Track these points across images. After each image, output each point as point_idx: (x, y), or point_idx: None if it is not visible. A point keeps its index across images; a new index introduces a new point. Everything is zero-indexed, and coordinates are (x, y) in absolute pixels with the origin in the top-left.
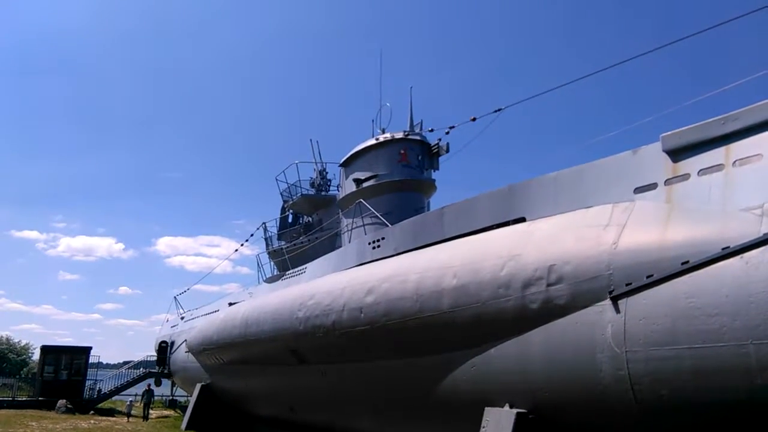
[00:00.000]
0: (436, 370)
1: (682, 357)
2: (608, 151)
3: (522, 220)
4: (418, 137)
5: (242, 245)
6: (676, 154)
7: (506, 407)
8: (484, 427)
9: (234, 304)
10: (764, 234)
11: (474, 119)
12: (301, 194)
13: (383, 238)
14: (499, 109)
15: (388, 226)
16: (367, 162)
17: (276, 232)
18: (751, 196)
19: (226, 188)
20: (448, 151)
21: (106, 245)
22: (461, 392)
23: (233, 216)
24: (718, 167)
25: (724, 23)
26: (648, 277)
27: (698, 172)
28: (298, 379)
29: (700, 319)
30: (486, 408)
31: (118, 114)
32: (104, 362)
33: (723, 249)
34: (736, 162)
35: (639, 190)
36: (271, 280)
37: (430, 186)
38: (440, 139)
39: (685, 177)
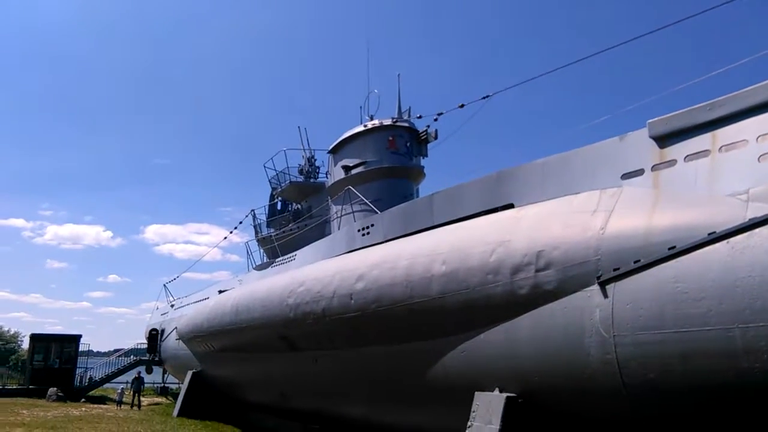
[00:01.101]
0: (427, 355)
1: (668, 341)
2: (597, 137)
3: (510, 206)
4: (406, 124)
5: (231, 233)
6: (663, 140)
7: (496, 391)
8: (474, 411)
9: (224, 291)
10: (750, 219)
11: (462, 106)
12: (290, 181)
13: (372, 225)
14: (487, 96)
15: (377, 212)
16: (355, 149)
17: (265, 219)
18: (737, 182)
19: (214, 176)
20: (436, 137)
21: (93, 233)
22: (451, 377)
23: (222, 203)
24: (705, 153)
25: (715, 8)
26: (635, 262)
27: (685, 158)
28: (289, 366)
29: (687, 303)
30: (476, 392)
31: (106, 102)
32: (95, 350)
33: (709, 234)
34: (723, 148)
35: (626, 176)
36: (260, 267)
37: (419, 173)
38: (428, 126)
39: (672, 163)
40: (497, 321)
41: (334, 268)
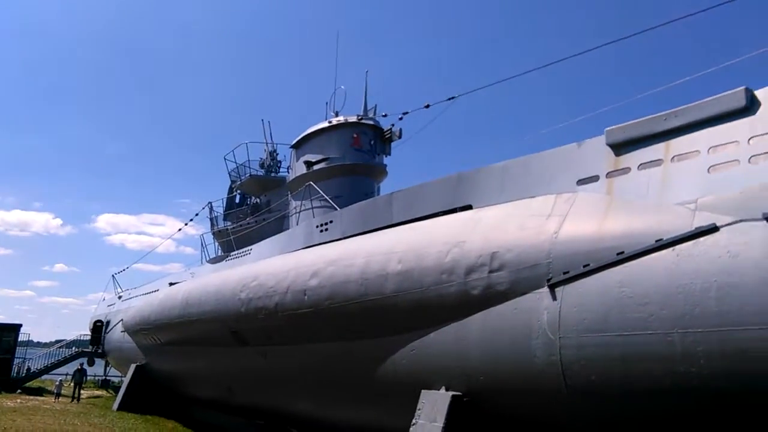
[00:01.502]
0: (377, 353)
1: (611, 344)
2: (558, 142)
3: (469, 207)
4: (371, 122)
5: (186, 224)
6: (619, 148)
7: (442, 390)
8: (419, 409)
9: (175, 284)
10: (696, 228)
11: (428, 106)
12: (250, 175)
13: (331, 222)
14: (453, 98)
15: (336, 209)
16: (318, 144)
17: (222, 212)
18: (687, 191)
19: (173, 166)
20: (400, 136)
21: (42, 220)
22: (400, 375)
23: (180, 195)
24: (658, 162)
25: (676, 20)
26: (585, 266)
27: (638, 166)
28: (238, 361)
29: (631, 307)
30: (423, 390)
31: (60, 85)
32: (35, 340)
33: (657, 241)
34: (675, 158)
35: (582, 181)
36: (214, 260)
37: (381, 171)
38: (393, 125)
39: (626, 170)
40: (449, 320)
41: (289, 263)
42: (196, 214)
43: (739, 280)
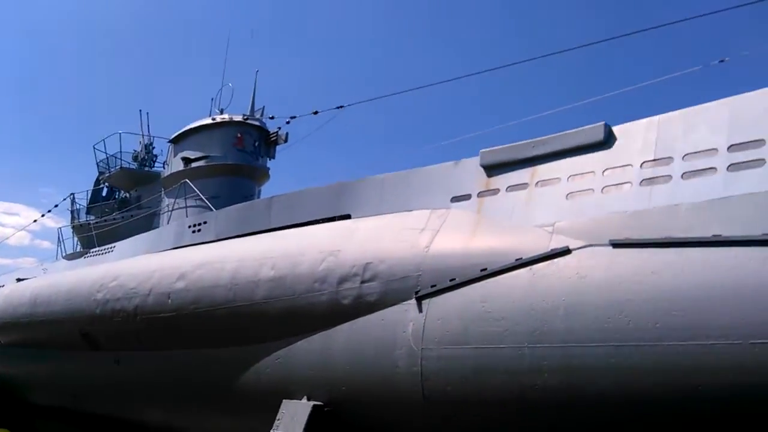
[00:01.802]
0: (241, 361)
1: (468, 356)
2: (443, 158)
3: (348, 216)
4: (257, 122)
5: (43, 216)
6: (491, 169)
7: (304, 399)
8: (278, 419)
9: (23, 280)
10: (552, 249)
11: (316, 113)
12: (121, 167)
13: (205, 223)
14: (341, 106)
15: (212, 210)
16: (199, 141)
17: (86, 205)
18: (547, 215)
19: (35, 152)
20: (286, 140)
21: None
22: (263, 384)
23: (43, 183)
24: (524, 186)
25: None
26: (451, 280)
27: (507, 188)
28: (87, 366)
29: (489, 322)
30: (284, 400)
31: None
32: None
33: (516, 260)
34: (539, 183)
35: (455, 199)
36: (71, 256)
37: (264, 174)
38: (280, 128)
39: (495, 191)
40: (317, 329)
41: (155, 264)
42: (56, 206)
43: (585, 300)
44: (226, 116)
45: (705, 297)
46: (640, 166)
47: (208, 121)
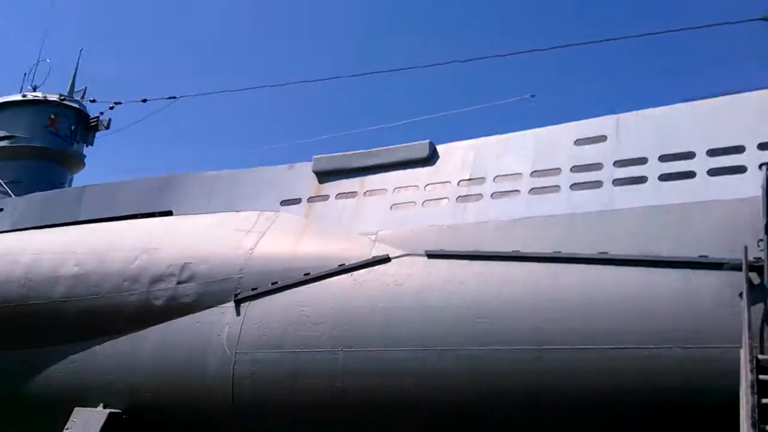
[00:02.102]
0: (33, 364)
1: (284, 360)
2: (278, 161)
3: (169, 213)
4: (75, 104)
5: None
6: (323, 176)
7: (99, 407)
8: (68, 429)
9: None
10: (373, 257)
11: (145, 101)
12: None
13: (1, 210)
14: (174, 97)
15: (11, 196)
16: (5, 119)
17: None
18: (372, 224)
19: None
20: (108, 127)
21: None
22: (53, 390)
23: None
24: (353, 194)
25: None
26: (273, 284)
27: (336, 196)
28: None
29: (307, 326)
30: (76, 408)
31: None
32: None
33: (339, 266)
34: (367, 192)
35: (285, 202)
36: None
37: (78, 161)
38: (102, 113)
39: (325, 197)
40: (123, 332)
41: None
42: None
43: (401, 306)
44: (39, 94)
45: (505, 306)
46: (458, 183)
47: (18, 97)
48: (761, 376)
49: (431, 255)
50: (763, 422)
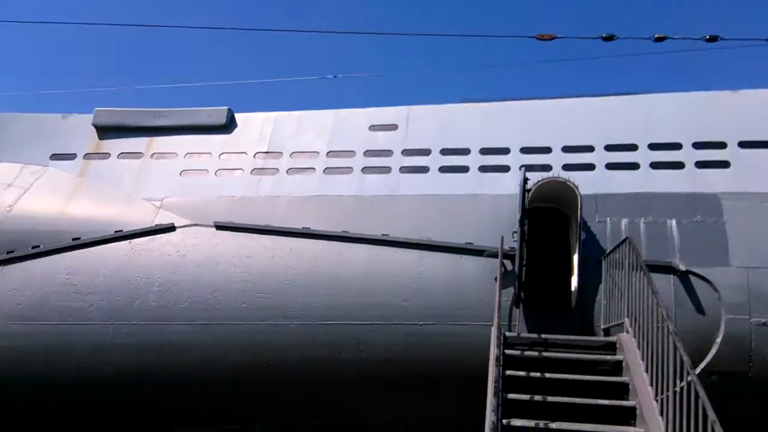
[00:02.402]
0: None
1: (42, 332)
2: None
3: None
4: None
5: None
6: (104, 131)
7: None
8: None
9: None
10: (156, 225)
11: None
12: None
13: None
14: None
15: None
16: None
17: None
18: (158, 189)
19: None
20: None
21: None
22: None
23: None
24: (138, 155)
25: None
26: (34, 247)
27: (119, 155)
28: None
29: (73, 296)
30: None
31: None
32: None
33: (116, 232)
34: (155, 155)
35: (56, 156)
36: None
37: None
38: None
39: (106, 156)
40: None
41: None
42: None
43: (183, 279)
44: None
45: (288, 282)
46: (254, 155)
47: None
48: (507, 351)
49: (220, 226)
50: (506, 391)
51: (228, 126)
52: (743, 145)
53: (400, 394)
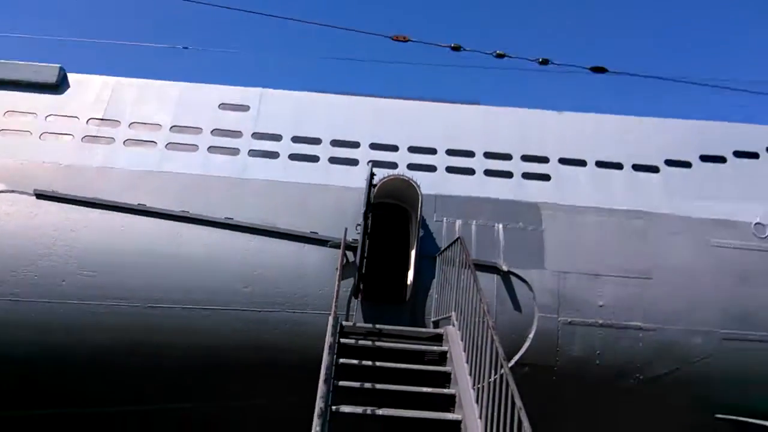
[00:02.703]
0: None
1: None
2: None
3: None
4: None
5: None
6: None
7: None
8: None
9: None
10: None
11: None
12: None
13: None
14: None
15: None
16: None
17: None
18: None
19: None
20: None
21: None
22: None
23: None
24: None
25: None
26: None
27: None
28: None
29: None
30: None
31: None
32: None
33: None
34: None
35: None
36: None
37: None
38: None
39: None
40: None
41: None
42: None
43: None
44: None
45: (118, 260)
46: (87, 121)
47: None
48: (343, 340)
49: (41, 195)
50: (339, 379)
51: (59, 86)
52: (563, 161)
53: (238, 382)
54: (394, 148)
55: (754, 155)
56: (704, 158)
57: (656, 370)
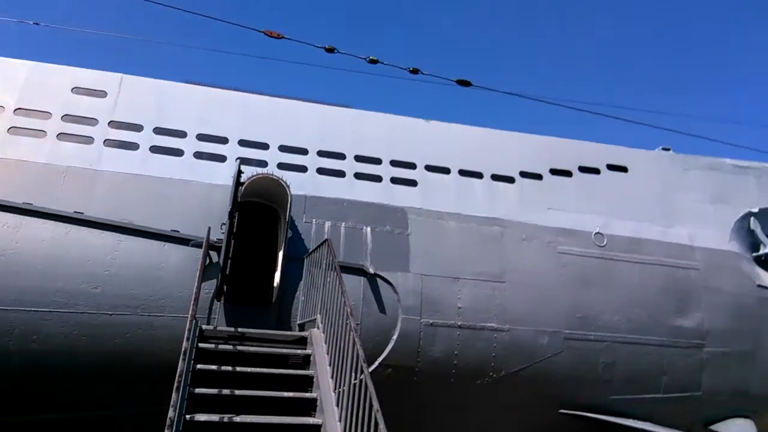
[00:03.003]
0: None
1: None
2: None
3: None
4: None
5: None
6: None
7: None
8: None
9: None
10: None
11: None
12: None
13: None
14: None
15: None
16: None
17: None
18: None
19: None
20: None
21: None
22: None
23: None
24: None
25: None
26: None
27: None
28: None
29: None
30: None
31: None
32: None
33: None
34: None
35: None
36: None
37: None
38: None
39: None
40: None
41: None
42: None
43: None
44: None
45: None
46: None
47: None
48: (202, 345)
49: None
50: (196, 386)
51: None
52: (429, 168)
53: (87, 390)
54: (264, 146)
55: (596, 171)
56: (554, 171)
57: (508, 368)
